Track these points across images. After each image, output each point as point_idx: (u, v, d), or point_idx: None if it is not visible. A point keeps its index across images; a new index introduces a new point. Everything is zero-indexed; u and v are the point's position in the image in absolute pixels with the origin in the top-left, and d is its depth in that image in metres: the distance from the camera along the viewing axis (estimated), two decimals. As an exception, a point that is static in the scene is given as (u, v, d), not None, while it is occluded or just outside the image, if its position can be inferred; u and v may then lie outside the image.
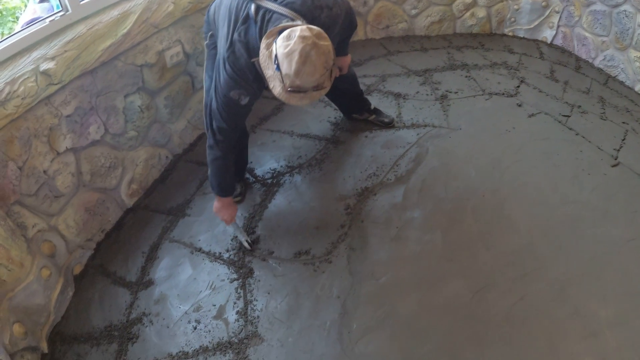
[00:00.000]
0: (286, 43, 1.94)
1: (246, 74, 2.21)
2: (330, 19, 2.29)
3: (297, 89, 2.01)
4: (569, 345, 2.14)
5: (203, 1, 3.17)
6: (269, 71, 2.06)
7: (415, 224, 2.70)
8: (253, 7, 2.17)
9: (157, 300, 2.53)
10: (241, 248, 2.70)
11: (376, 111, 3.40)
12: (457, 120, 3.36)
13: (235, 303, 2.46)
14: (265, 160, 3.23)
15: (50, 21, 2.47)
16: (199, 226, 2.86)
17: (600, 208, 2.68)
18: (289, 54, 1.93)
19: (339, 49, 2.16)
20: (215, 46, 2.53)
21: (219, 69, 2.25)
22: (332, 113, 3.55)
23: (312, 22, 2.11)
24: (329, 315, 2.36)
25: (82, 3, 2.60)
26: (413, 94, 3.67)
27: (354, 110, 3.40)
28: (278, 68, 1.98)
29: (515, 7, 4.39)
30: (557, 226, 2.61)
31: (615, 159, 2.96)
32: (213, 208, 2.69)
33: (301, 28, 1.96)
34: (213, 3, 2.50)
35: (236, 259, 2.65)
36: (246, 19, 2.18)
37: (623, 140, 3.12)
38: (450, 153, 3.09)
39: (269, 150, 3.29)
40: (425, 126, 3.33)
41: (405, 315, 2.32)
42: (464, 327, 2.25)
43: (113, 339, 2.40)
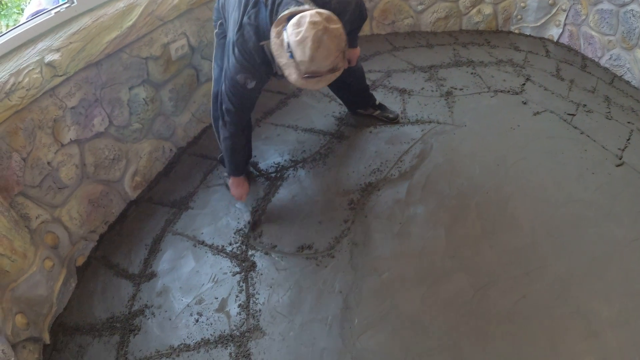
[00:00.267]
0: (297, 30, 1.94)
1: (254, 58, 2.21)
2: (340, 6, 2.29)
3: (313, 74, 2.02)
4: (570, 344, 2.14)
5: (209, -6, 3.17)
6: (283, 59, 2.07)
7: (418, 220, 2.70)
8: None
9: (160, 292, 2.54)
10: (245, 242, 2.70)
11: (381, 107, 3.40)
12: (462, 117, 3.35)
13: (237, 296, 2.47)
14: (269, 154, 3.23)
15: (55, 13, 2.46)
16: (202, 219, 2.87)
17: (604, 207, 2.68)
18: (302, 41, 1.94)
19: (348, 41, 2.18)
20: (224, 35, 2.53)
21: (229, 53, 2.27)
22: (337, 108, 3.54)
23: (323, 8, 2.10)
24: (331, 309, 2.36)
25: (88, -5, 2.60)
26: (418, 90, 3.66)
27: (359, 105, 3.40)
28: (292, 56, 2.00)
29: (522, 5, 4.37)
30: (561, 225, 2.61)
31: (619, 159, 2.96)
32: (228, 183, 2.82)
33: (310, 13, 1.95)
34: None
35: (239, 252, 2.66)
36: (256, 3, 2.19)
37: (628, 140, 3.11)
38: (454, 150, 3.08)
39: (273, 144, 3.29)
40: (429, 122, 3.32)
41: (407, 311, 2.32)
42: (466, 324, 2.25)
43: (115, 331, 2.40)
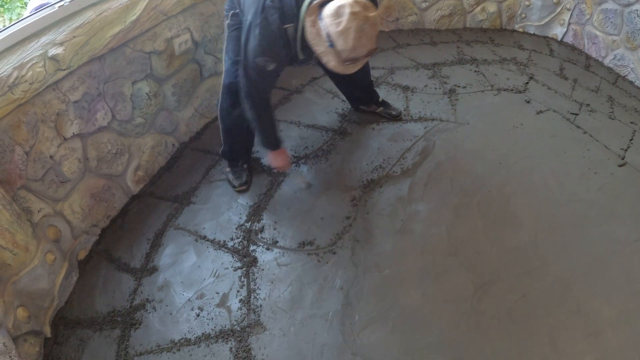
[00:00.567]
0: (337, 21, 2.00)
1: (276, 40, 2.23)
2: None
3: (353, 60, 2.12)
4: (571, 343, 2.15)
5: (212, -11, 3.17)
6: (320, 47, 2.14)
7: (420, 218, 2.70)
8: None
9: (161, 286, 2.54)
10: (246, 237, 2.71)
11: (384, 103, 3.40)
12: (465, 115, 3.35)
13: (238, 291, 2.47)
14: (271, 150, 3.23)
15: (59, 7, 2.46)
16: (204, 214, 2.87)
17: (606, 207, 2.68)
18: (344, 32, 2.01)
19: None
20: (237, 27, 2.54)
21: (248, 35, 2.27)
22: (340, 104, 3.54)
23: None
24: (332, 305, 2.36)
25: (92, -12, 2.59)
26: (421, 88, 3.66)
27: (363, 101, 3.40)
28: (332, 45, 2.07)
29: (526, 3, 4.36)
30: (563, 224, 2.61)
31: (622, 159, 2.96)
32: (268, 160, 2.88)
33: (349, 3, 2.00)
34: None
35: (240, 248, 2.66)
36: None
37: (631, 140, 3.11)
38: (457, 148, 3.08)
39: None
40: (432, 120, 3.32)
41: (408, 307, 2.32)
42: (466, 322, 2.25)
43: (116, 325, 2.41)
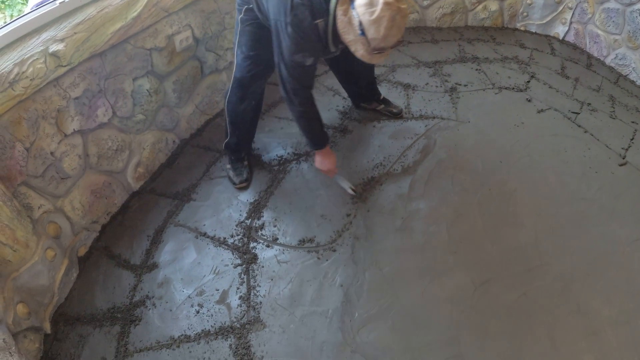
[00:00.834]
0: (371, 10, 2.06)
1: (310, 36, 2.26)
2: None
3: (381, 50, 2.17)
4: (570, 342, 2.15)
5: (214, -14, 3.16)
6: (350, 36, 2.20)
7: (420, 215, 2.70)
8: None
9: (161, 283, 2.54)
10: (246, 234, 2.71)
11: (385, 101, 3.40)
12: (466, 113, 3.35)
13: (238, 288, 2.47)
14: (272, 146, 3.23)
15: (60, 3, 2.45)
16: (204, 211, 2.87)
17: (606, 207, 2.68)
18: (377, 21, 2.06)
19: None
20: (251, 23, 2.55)
21: (280, 36, 2.29)
22: (341, 102, 3.54)
23: None
24: (332, 303, 2.37)
25: (93, -16, 2.59)
26: (422, 86, 3.66)
27: (364, 98, 3.40)
28: (363, 33, 2.13)
29: (528, 2, 4.35)
30: (563, 223, 2.61)
31: (623, 158, 2.95)
32: (315, 164, 2.83)
33: None
34: None
35: (240, 245, 2.66)
36: None
37: (632, 139, 3.11)
38: (458, 146, 3.08)
39: (277, 137, 3.29)
40: (433, 118, 3.32)
41: (407, 305, 2.33)
42: (466, 320, 2.25)
43: (116, 321, 2.41)
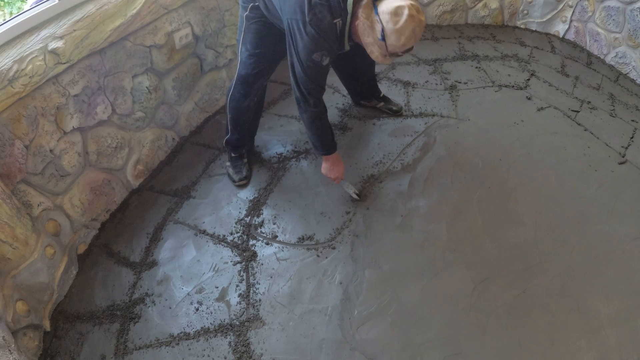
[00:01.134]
0: (395, 19, 2.16)
1: (329, 35, 2.29)
2: None
3: (395, 54, 2.30)
4: (569, 340, 2.15)
5: (213, -17, 3.16)
6: (369, 39, 2.28)
7: (420, 213, 2.70)
8: None
9: (160, 281, 2.54)
10: (246, 232, 2.71)
11: (385, 99, 3.39)
12: (466, 110, 3.35)
13: (237, 286, 2.47)
14: (272, 144, 3.23)
15: (59, 0, 2.45)
16: (204, 208, 2.87)
17: (606, 205, 2.68)
18: (399, 31, 2.17)
19: None
20: (256, 20, 2.56)
21: (295, 35, 2.31)
22: (341, 99, 3.53)
23: None
24: (331, 300, 2.37)
25: (93, -19, 2.58)
26: (422, 83, 3.65)
27: (364, 96, 3.40)
28: (383, 39, 2.22)
29: (528, 0, 4.34)
30: (563, 221, 2.61)
31: (623, 157, 2.95)
32: (322, 170, 2.81)
33: (407, 6, 2.16)
34: None
35: (240, 242, 2.66)
36: None
37: (631, 138, 3.11)
38: (457, 143, 3.08)
39: (276, 134, 3.29)
40: (433, 115, 3.32)
41: (407, 303, 2.33)
42: (466, 317, 2.25)
43: (115, 319, 2.41)
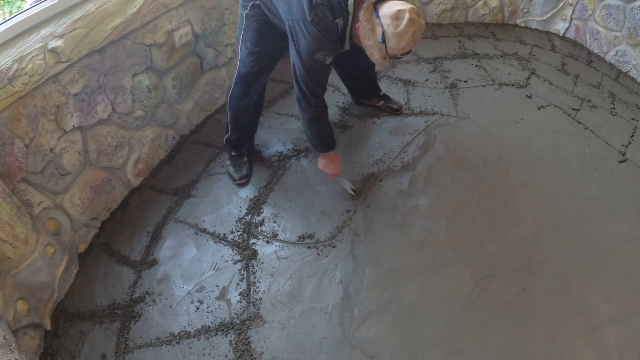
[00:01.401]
0: (396, 23, 2.19)
1: (331, 34, 2.31)
2: None
3: (395, 57, 2.34)
4: (569, 338, 2.15)
5: (213, -18, 3.15)
6: (369, 41, 2.30)
7: (420, 212, 2.70)
8: None
9: (161, 279, 2.55)
10: (246, 230, 2.71)
11: (385, 97, 3.39)
12: (466, 109, 3.34)
13: (238, 284, 2.48)
14: (272, 143, 3.23)
15: (58, -1, 2.46)
16: (204, 207, 2.87)
17: (606, 203, 2.68)
18: (400, 34, 2.20)
19: None
20: (256, 18, 2.57)
21: (297, 35, 2.32)
22: (341, 98, 3.53)
23: None
24: (331, 299, 2.37)
25: (92, -20, 2.58)
26: (422, 82, 3.65)
27: (364, 94, 3.40)
28: (383, 42, 2.25)
29: (528, -2, 4.35)
30: (563, 220, 2.61)
31: (623, 155, 2.95)
32: (318, 166, 2.84)
33: (409, 10, 2.20)
34: None
35: (240, 241, 2.66)
36: None
37: (632, 136, 3.11)
38: (457, 142, 3.08)
39: (276, 133, 3.29)
40: (433, 114, 3.32)
41: (407, 301, 2.33)
42: (465, 316, 2.26)
43: (116, 317, 2.41)
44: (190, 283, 2.51)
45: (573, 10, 4.18)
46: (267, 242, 2.65)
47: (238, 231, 2.72)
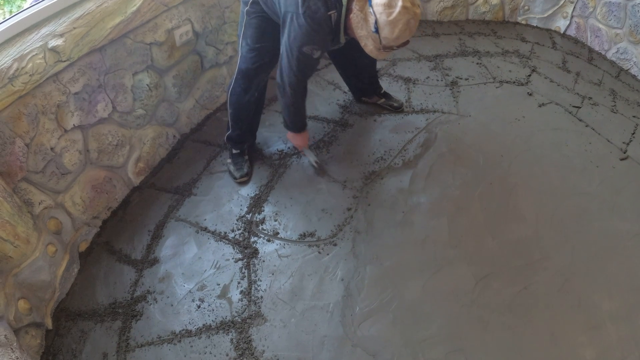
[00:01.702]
0: (389, 11, 2.15)
1: (323, 27, 2.30)
2: None
3: (390, 48, 2.29)
4: (571, 336, 2.15)
5: (213, -20, 3.15)
6: (362, 31, 2.28)
7: (421, 209, 2.70)
8: None
9: (162, 278, 2.55)
10: (247, 229, 2.71)
11: (386, 95, 3.39)
12: (467, 107, 3.34)
13: (239, 283, 2.48)
14: (272, 141, 3.23)
15: (58, -3, 2.45)
16: (205, 206, 2.87)
17: (607, 201, 2.68)
18: (393, 22, 2.16)
19: None
20: (257, 15, 2.58)
21: (289, 27, 2.32)
22: (342, 96, 3.53)
23: None
24: (333, 297, 2.37)
25: (93, -21, 2.58)
26: (423, 79, 3.65)
27: (365, 92, 3.40)
28: (376, 31, 2.21)
29: (529, -5, 4.34)
30: (564, 217, 2.61)
31: (624, 153, 2.95)
32: (287, 135, 2.99)
33: None
34: None
35: (241, 239, 2.66)
36: None
37: (633, 134, 3.10)
38: (458, 140, 3.08)
39: (277, 131, 3.28)
40: (434, 112, 3.31)
41: (408, 299, 2.33)
42: (467, 314, 2.26)
43: (117, 316, 2.41)
44: (191, 282, 2.51)
45: (574, 7, 4.18)
46: (268, 241, 2.65)
47: (239, 229, 2.72)
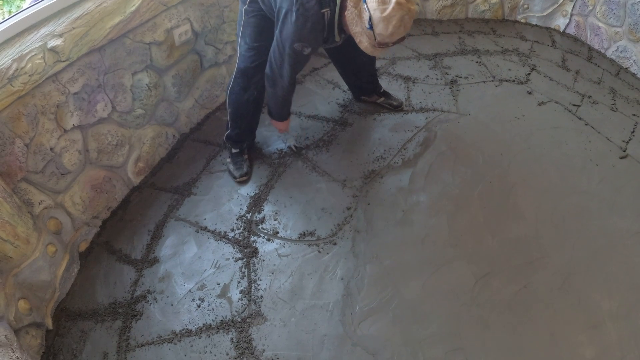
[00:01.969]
0: (382, 7, 2.16)
1: (316, 25, 2.31)
2: None
3: (385, 45, 2.29)
4: (570, 335, 2.15)
5: (213, -21, 3.15)
6: (357, 28, 2.30)
7: (421, 208, 2.70)
8: None
9: (162, 278, 2.55)
10: (247, 228, 2.71)
11: (385, 94, 3.39)
12: (467, 105, 3.34)
13: (239, 282, 2.48)
14: (272, 140, 3.23)
15: (58, -3, 2.45)
16: (205, 205, 2.87)
17: (607, 199, 2.68)
18: (387, 19, 2.16)
19: None
20: (255, 14, 2.59)
21: (283, 23, 2.34)
22: (341, 95, 3.53)
23: None
24: (332, 296, 2.37)
25: (91, -21, 2.57)
26: (423, 78, 3.65)
27: (365, 91, 3.40)
28: (371, 28, 2.22)
29: (528, -7, 4.34)
30: (564, 216, 2.61)
31: (624, 151, 2.95)
32: (270, 121, 3.04)
33: None
34: None
35: (241, 238, 2.66)
36: None
37: (632, 132, 3.11)
38: (458, 138, 3.08)
39: (276, 130, 3.28)
40: (434, 110, 3.31)
41: (408, 298, 2.33)
42: (467, 313, 2.26)
43: (117, 316, 2.41)
44: (191, 281, 2.51)
45: (573, 6, 4.18)
46: (268, 240, 2.65)
47: (239, 229, 2.72)
